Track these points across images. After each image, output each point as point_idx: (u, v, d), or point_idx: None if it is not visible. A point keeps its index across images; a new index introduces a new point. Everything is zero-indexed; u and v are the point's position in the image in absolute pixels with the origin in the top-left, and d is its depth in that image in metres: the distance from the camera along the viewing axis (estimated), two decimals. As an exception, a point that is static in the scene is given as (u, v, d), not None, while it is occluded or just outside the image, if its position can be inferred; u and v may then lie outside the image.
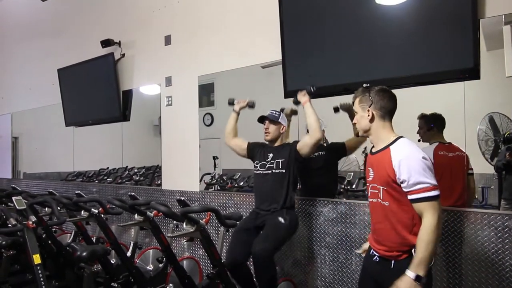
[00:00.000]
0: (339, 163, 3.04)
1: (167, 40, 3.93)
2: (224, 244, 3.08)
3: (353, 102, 1.90)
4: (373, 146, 1.87)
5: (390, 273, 1.70)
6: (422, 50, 2.40)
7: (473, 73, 2.24)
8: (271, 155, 2.69)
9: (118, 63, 4.37)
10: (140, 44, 4.25)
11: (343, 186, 3.21)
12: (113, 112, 4.36)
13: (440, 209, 1.61)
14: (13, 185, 4.50)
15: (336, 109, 2.79)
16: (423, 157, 1.63)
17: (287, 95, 2.96)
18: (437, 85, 2.45)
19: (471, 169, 2.50)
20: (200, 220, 2.34)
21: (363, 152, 2.95)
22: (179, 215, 2.25)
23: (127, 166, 4.86)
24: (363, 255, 2.02)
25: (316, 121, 2.50)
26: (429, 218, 1.58)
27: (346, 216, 2.73)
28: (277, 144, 2.73)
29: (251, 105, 2.86)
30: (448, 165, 2.47)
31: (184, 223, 2.33)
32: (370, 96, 1.80)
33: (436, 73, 2.37)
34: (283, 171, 2.60)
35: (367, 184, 1.87)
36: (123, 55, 4.36)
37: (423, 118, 2.62)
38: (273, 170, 2.63)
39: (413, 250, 1.65)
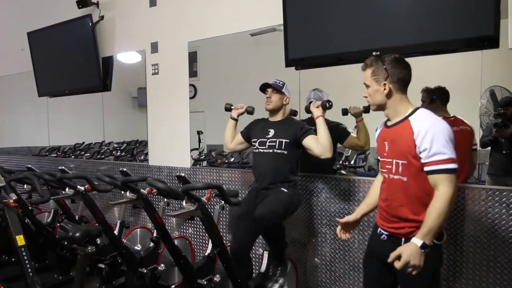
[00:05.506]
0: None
1: (152, 0, 3.59)
2: (220, 222, 2.93)
3: (364, 71, 1.73)
4: (387, 120, 1.74)
5: None
6: (438, 15, 2.23)
7: (492, 41, 2.11)
8: (272, 131, 2.48)
9: (96, 26, 3.98)
10: (121, 5, 3.88)
11: (341, 162, 3.13)
12: (92, 81, 4.02)
13: (456, 183, 1.54)
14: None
15: (344, 112, 2.60)
16: (447, 128, 1.55)
17: (288, 63, 2.76)
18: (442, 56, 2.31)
19: (475, 144, 2.45)
20: (202, 198, 2.16)
21: (355, 127, 2.84)
22: (180, 192, 2.06)
23: (103, 141, 4.58)
24: (339, 231, 1.94)
25: (328, 139, 2.29)
26: (444, 190, 1.50)
27: (348, 193, 2.62)
28: (278, 117, 2.53)
29: (250, 111, 2.66)
30: (454, 142, 2.47)
31: (184, 201, 2.15)
32: (385, 67, 1.63)
33: (453, 41, 2.21)
34: (285, 152, 2.41)
35: (381, 159, 1.75)
36: (102, 17, 3.98)
37: (426, 91, 2.52)
38: (275, 150, 2.42)
39: None
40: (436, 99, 2.48)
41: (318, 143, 2.32)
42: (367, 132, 2.59)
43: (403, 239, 1.63)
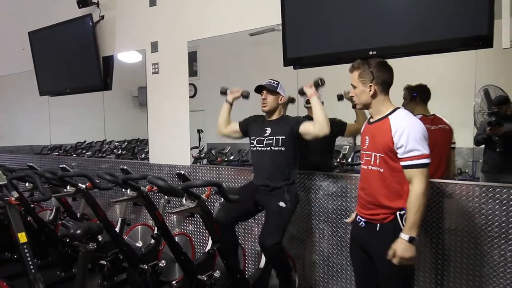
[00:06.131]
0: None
1: (152, 0, 3.62)
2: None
3: (351, 73, 1.88)
4: (371, 116, 1.91)
5: (376, 236, 1.80)
6: (434, 15, 2.26)
7: (486, 41, 2.14)
8: (268, 129, 2.52)
9: (97, 26, 4.02)
10: (122, 4, 3.92)
11: (338, 160, 3.16)
12: (93, 80, 4.06)
13: (428, 177, 1.71)
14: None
15: (339, 97, 2.64)
16: (422, 127, 1.72)
17: (287, 62, 2.79)
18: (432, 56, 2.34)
19: (454, 142, 2.50)
20: (202, 195, 2.19)
21: (355, 121, 2.87)
22: (180, 190, 2.09)
23: (104, 140, 4.61)
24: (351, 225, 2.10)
25: (324, 116, 2.33)
26: (418, 184, 1.68)
27: (346, 190, 2.66)
28: (275, 116, 2.56)
29: (245, 95, 2.68)
30: (432, 140, 2.50)
31: (184, 199, 2.18)
32: (371, 70, 1.79)
33: (449, 40, 2.24)
34: (282, 149, 2.45)
35: (361, 152, 1.93)
36: (102, 17, 4.02)
37: (407, 89, 2.57)
38: (272, 147, 2.47)
39: (397, 213, 1.74)
40: (416, 96, 2.53)
41: (315, 122, 2.34)
42: (365, 115, 2.60)
43: (378, 224, 1.80)
